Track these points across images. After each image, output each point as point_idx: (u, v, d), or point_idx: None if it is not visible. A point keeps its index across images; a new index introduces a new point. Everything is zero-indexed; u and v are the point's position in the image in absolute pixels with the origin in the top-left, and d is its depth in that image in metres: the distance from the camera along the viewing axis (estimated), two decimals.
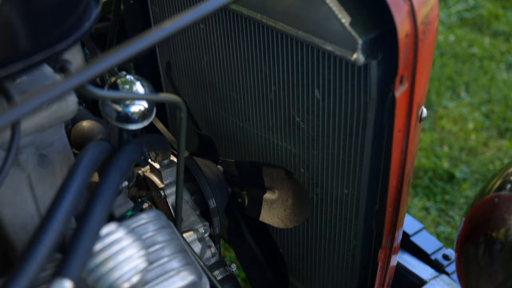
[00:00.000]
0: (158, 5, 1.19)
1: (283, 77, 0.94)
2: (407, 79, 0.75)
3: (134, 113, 0.77)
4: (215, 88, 1.13)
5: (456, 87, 2.74)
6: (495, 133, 2.42)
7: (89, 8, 0.67)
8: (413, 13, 0.71)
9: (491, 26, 3.34)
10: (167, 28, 0.55)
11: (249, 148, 1.13)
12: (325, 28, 0.78)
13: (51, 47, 0.57)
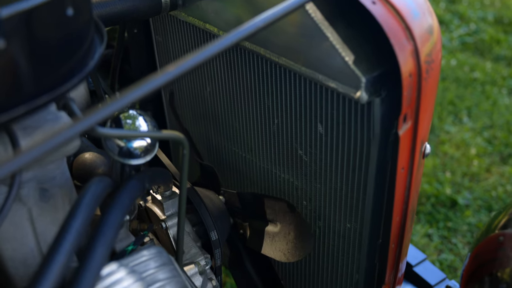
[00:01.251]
0: (162, 34, 1.20)
1: (286, 110, 0.94)
2: (410, 117, 0.75)
3: (137, 148, 0.77)
4: (218, 118, 1.13)
5: (458, 112, 2.75)
6: (498, 159, 2.41)
7: (93, 46, 0.68)
8: (416, 53, 0.71)
9: (492, 51, 3.36)
10: (171, 72, 0.55)
11: (251, 179, 1.13)
12: (328, 65, 0.78)
13: (54, 88, 0.57)
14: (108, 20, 0.96)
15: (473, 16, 3.82)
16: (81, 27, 0.62)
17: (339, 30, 0.76)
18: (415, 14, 0.74)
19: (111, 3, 0.95)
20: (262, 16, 0.63)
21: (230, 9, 0.92)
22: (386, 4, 0.72)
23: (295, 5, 0.68)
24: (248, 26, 0.60)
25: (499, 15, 3.82)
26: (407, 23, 0.71)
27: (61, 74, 0.59)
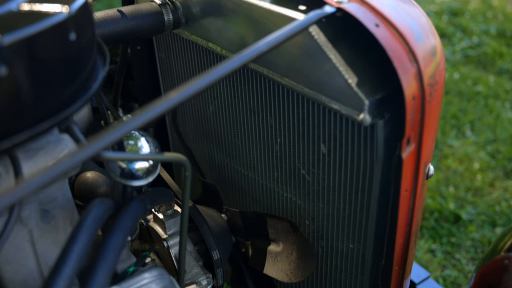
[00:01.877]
0: (165, 52, 1.20)
1: (288, 130, 0.94)
2: (414, 140, 0.74)
3: (139, 169, 0.76)
4: (221, 136, 1.13)
5: (461, 125, 2.74)
6: (501, 173, 2.40)
7: (96, 68, 0.68)
8: (420, 75, 0.71)
9: (495, 64, 3.36)
10: (174, 98, 0.54)
11: (253, 197, 1.12)
12: (331, 86, 0.77)
13: (57, 113, 0.57)
14: (111, 39, 0.96)
15: (475, 29, 3.83)
16: (84, 50, 0.62)
17: (343, 52, 0.75)
18: (418, 37, 0.74)
19: (114, 22, 0.95)
20: (265, 40, 0.62)
21: (232, 28, 0.92)
22: (389, 26, 0.72)
23: (299, 28, 0.68)
24: (251, 51, 0.60)
25: (501, 28, 3.83)
26: (411, 46, 0.71)
27: (64, 99, 0.59)
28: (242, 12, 0.88)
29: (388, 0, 0.79)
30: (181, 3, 1.01)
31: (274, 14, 0.81)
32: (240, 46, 0.92)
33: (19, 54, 0.51)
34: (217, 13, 0.94)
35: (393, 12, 0.74)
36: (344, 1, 0.74)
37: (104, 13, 0.95)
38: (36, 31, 0.52)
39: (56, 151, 0.71)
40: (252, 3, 0.85)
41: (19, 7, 0.58)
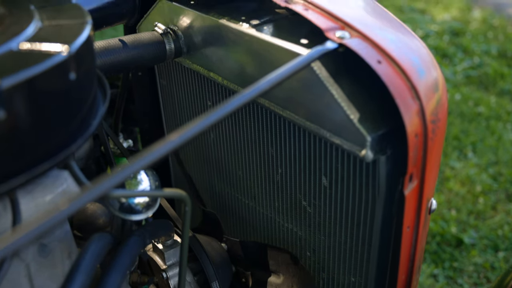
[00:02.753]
0: (166, 78, 1.20)
1: (289, 161, 0.93)
2: (416, 177, 0.74)
3: (138, 204, 0.76)
4: (221, 164, 1.12)
5: (463, 147, 2.73)
6: (503, 196, 2.39)
7: (96, 104, 0.67)
8: (422, 112, 0.71)
9: (497, 85, 3.36)
10: (174, 140, 0.54)
11: (254, 226, 1.11)
12: (333, 121, 0.77)
13: (56, 154, 0.56)
14: (113, 68, 0.96)
15: (476, 50, 3.84)
16: (84, 88, 0.62)
17: (344, 87, 0.75)
18: (420, 73, 0.73)
19: (115, 51, 0.95)
20: (266, 79, 0.62)
21: (234, 59, 0.92)
22: (391, 63, 0.71)
23: (301, 64, 0.68)
24: (251, 91, 0.60)
25: (502, 49, 3.84)
26: (413, 82, 0.71)
27: (63, 138, 0.58)
28: (243, 43, 0.88)
29: (390, 34, 0.78)
30: (182, 32, 1.01)
31: (275, 48, 0.81)
32: (241, 77, 0.92)
33: (18, 97, 0.51)
34: (218, 43, 0.94)
35: (395, 47, 0.74)
36: (346, 37, 0.74)
37: (105, 43, 0.95)
38: (35, 73, 0.51)
39: (54, 185, 0.70)
40: (253, 35, 0.85)
41: (19, 46, 0.57)
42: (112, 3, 0.96)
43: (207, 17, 0.94)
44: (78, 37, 0.60)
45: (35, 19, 0.64)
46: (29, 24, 0.62)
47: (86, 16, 0.66)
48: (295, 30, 0.86)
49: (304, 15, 0.77)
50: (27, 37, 0.60)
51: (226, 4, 0.97)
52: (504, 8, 4.70)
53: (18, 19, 0.65)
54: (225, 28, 0.90)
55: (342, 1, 0.86)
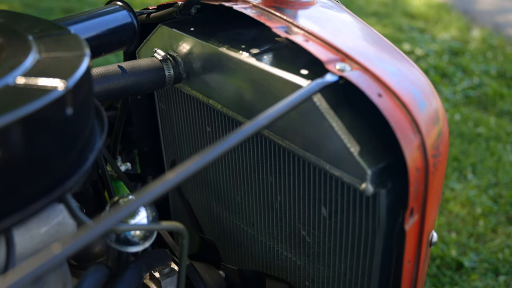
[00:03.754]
0: (165, 103, 1.19)
1: (289, 189, 0.92)
2: (417, 211, 0.73)
3: (135, 236, 0.74)
4: (220, 190, 1.11)
5: (463, 168, 2.72)
6: (504, 219, 2.38)
7: (93, 137, 0.66)
8: (423, 147, 0.70)
9: (496, 105, 3.36)
10: (171, 179, 0.53)
11: (252, 253, 1.10)
12: (333, 154, 0.76)
13: (52, 191, 0.55)
14: (112, 95, 0.95)
15: (476, 70, 3.85)
16: (81, 122, 0.61)
17: (345, 119, 0.74)
18: (421, 106, 0.73)
19: (114, 78, 0.95)
20: (265, 114, 0.61)
21: (233, 88, 0.91)
22: (392, 96, 0.71)
23: (302, 98, 0.67)
24: (251, 126, 0.59)
25: (502, 69, 3.85)
26: (414, 116, 0.70)
27: (58, 175, 0.57)
28: (243, 72, 0.87)
29: (390, 66, 0.78)
30: (182, 58, 1.01)
31: (275, 78, 0.81)
32: (241, 105, 0.91)
33: (13, 134, 0.50)
34: (218, 71, 0.94)
35: (396, 80, 0.74)
36: (346, 69, 0.73)
37: (104, 69, 0.95)
38: (31, 111, 0.51)
39: (50, 217, 0.69)
40: (253, 64, 0.84)
41: (16, 81, 0.57)
42: (112, 30, 0.95)
43: (207, 45, 0.93)
44: (76, 71, 0.59)
45: (33, 51, 0.64)
46: (26, 56, 0.62)
47: (84, 48, 0.66)
48: (295, 59, 0.85)
49: (304, 47, 0.77)
50: (24, 71, 0.59)
51: (226, 32, 0.96)
52: (503, 28, 4.73)
53: (16, 50, 0.64)
54: (225, 56, 0.90)
55: (343, 31, 0.86)
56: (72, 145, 0.59)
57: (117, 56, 3.49)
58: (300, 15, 0.87)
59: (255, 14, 0.86)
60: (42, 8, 4.87)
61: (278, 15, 0.86)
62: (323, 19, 0.88)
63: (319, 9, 0.92)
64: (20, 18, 0.77)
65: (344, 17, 0.92)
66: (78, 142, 0.61)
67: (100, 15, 0.95)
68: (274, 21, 0.84)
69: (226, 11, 0.97)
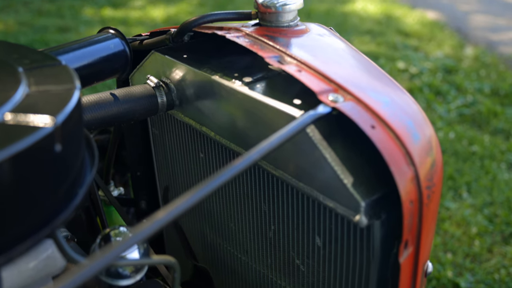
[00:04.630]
0: (158, 128, 1.18)
1: (282, 218, 0.91)
2: (411, 244, 0.72)
3: (126, 269, 0.73)
4: (213, 216, 1.10)
5: (458, 187, 2.72)
6: (499, 238, 2.37)
7: (83, 171, 0.65)
8: (417, 179, 0.69)
9: (490, 123, 3.37)
10: (162, 218, 0.52)
11: (246, 281, 1.08)
12: (326, 185, 0.75)
13: (38, 231, 0.54)
14: (104, 122, 0.94)
15: (469, 88, 3.87)
16: (70, 158, 0.60)
17: (338, 150, 0.74)
18: (414, 137, 0.72)
19: (107, 105, 0.94)
20: (257, 148, 0.61)
21: (226, 116, 0.91)
22: (385, 128, 0.70)
23: (295, 130, 0.66)
24: (243, 161, 0.58)
25: (495, 87, 3.87)
26: (407, 148, 0.69)
27: (46, 213, 0.56)
28: (236, 101, 0.87)
29: (383, 96, 0.78)
30: (175, 85, 1.00)
31: (268, 108, 0.80)
32: (234, 133, 0.91)
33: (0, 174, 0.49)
34: (211, 98, 0.93)
35: (389, 111, 0.73)
36: (339, 100, 0.73)
37: (96, 97, 0.94)
38: (18, 150, 0.50)
39: (38, 251, 0.68)
40: (246, 93, 0.84)
41: (4, 117, 0.56)
42: (104, 58, 0.95)
43: (199, 72, 0.93)
44: (65, 106, 0.58)
45: (22, 84, 0.63)
46: (15, 91, 0.61)
47: (75, 80, 0.65)
48: (288, 88, 0.85)
49: (297, 77, 0.76)
50: (13, 106, 0.58)
51: (219, 59, 0.96)
52: (496, 46, 4.76)
53: (5, 84, 0.63)
54: (217, 85, 0.89)
55: (335, 59, 0.86)
56: (61, 182, 0.58)
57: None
58: (293, 43, 0.87)
59: (248, 43, 0.86)
60: (37, 26, 4.89)
61: (271, 44, 0.86)
62: (316, 47, 0.88)
63: (312, 37, 0.92)
64: (11, 48, 0.77)
65: (337, 45, 0.92)
66: (67, 177, 0.60)
67: (93, 43, 0.95)
68: (267, 51, 0.84)
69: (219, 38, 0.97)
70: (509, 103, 3.64)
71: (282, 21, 0.92)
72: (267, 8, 0.91)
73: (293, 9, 0.91)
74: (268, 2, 0.91)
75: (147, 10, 5.57)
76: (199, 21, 0.95)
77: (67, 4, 5.67)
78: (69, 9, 5.49)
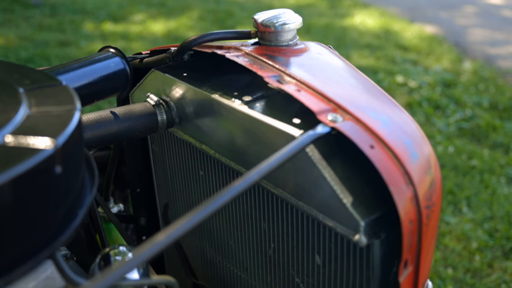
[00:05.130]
0: (158, 145, 1.19)
1: (282, 237, 0.91)
2: (411, 263, 0.72)
3: None
4: (213, 234, 1.10)
5: (457, 202, 2.72)
6: (500, 253, 2.36)
7: (83, 192, 0.66)
8: (416, 198, 0.69)
9: (489, 137, 3.38)
10: (162, 241, 0.52)
11: None
12: (326, 204, 0.76)
13: (37, 253, 0.54)
14: (104, 141, 0.95)
15: (468, 101, 3.88)
16: (70, 179, 0.61)
17: (337, 170, 0.74)
18: (413, 156, 0.73)
19: (106, 124, 0.94)
20: (256, 169, 0.61)
21: (225, 134, 0.91)
22: (384, 147, 0.71)
23: (295, 150, 0.67)
24: (242, 182, 0.59)
25: (494, 101, 3.88)
26: (406, 168, 0.70)
27: (45, 235, 0.56)
28: (235, 120, 0.87)
29: (382, 115, 0.78)
30: (175, 103, 1.01)
31: (267, 127, 0.81)
32: (233, 152, 0.91)
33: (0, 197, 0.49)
34: (211, 117, 0.94)
35: (388, 130, 0.74)
36: (338, 120, 0.73)
37: (97, 115, 0.95)
38: (18, 173, 0.50)
39: (38, 272, 0.68)
40: (245, 112, 0.84)
41: (4, 139, 0.56)
42: (105, 77, 0.96)
43: (199, 91, 0.94)
44: (66, 128, 0.59)
45: (23, 106, 0.63)
46: (16, 112, 0.61)
47: (75, 101, 0.66)
48: (288, 106, 0.85)
49: (296, 97, 0.77)
50: (14, 127, 0.59)
51: (219, 78, 0.97)
52: (495, 60, 4.79)
53: (5, 105, 0.64)
54: (217, 103, 0.90)
55: (334, 79, 0.86)
56: (61, 203, 0.58)
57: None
58: (292, 63, 0.88)
59: (248, 62, 0.87)
60: (38, 40, 4.91)
61: (270, 64, 0.86)
62: (315, 66, 0.89)
63: (311, 56, 0.93)
64: (11, 68, 0.77)
65: (336, 64, 0.93)
66: (67, 199, 0.60)
67: (93, 63, 0.95)
68: (266, 70, 0.84)
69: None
70: (508, 117, 3.65)
71: (281, 40, 0.93)
72: (267, 28, 0.92)
73: (292, 28, 0.92)
74: (267, 21, 0.92)
75: (147, 25, 5.60)
76: (199, 40, 0.95)
77: (68, 18, 5.71)
78: (70, 24, 5.53)
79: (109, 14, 5.90)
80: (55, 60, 4.36)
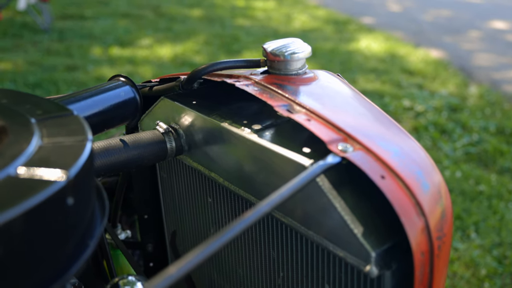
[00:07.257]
0: (167, 171, 1.19)
1: (291, 266, 0.90)
2: None
3: None
4: (221, 261, 1.09)
5: (466, 227, 2.70)
6: (509, 280, 2.33)
7: (93, 222, 0.65)
8: (427, 229, 0.69)
9: (497, 162, 3.36)
10: (173, 274, 0.52)
11: None
12: (336, 234, 0.75)
13: (48, 286, 0.54)
14: (113, 169, 0.95)
15: (475, 126, 3.87)
16: (81, 210, 0.60)
17: (348, 200, 0.74)
18: (424, 187, 0.72)
19: (116, 152, 0.95)
20: (267, 201, 0.61)
21: (235, 163, 0.91)
22: (395, 178, 0.70)
23: (306, 180, 0.67)
24: (253, 214, 0.58)
25: (500, 125, 3.87)
26: (417, 198, 0.69)
27: (56, 267, 0.56)
28: (245, 148, 0.87)
29: (392, 145, 0.78)
30: (184, 131, 1.01)
31: (277, 156, 0.81)
32: (243, 180, 0.91)
33: (11, 231, 0.49)
34: (220, 145, 0.94)
35: (398, 160, 0.73)
36: (348, 150, 0.73)
37: (106, 143, 0.95)
38: (30, 206, 0.50)
39: None
40: (255, 141, 0.85)
41: (17, 171, 0.56)
42: (115, 106, 0.96)
43: (208, 119, 0.94)
44: (78, 160, 0.59)
45: (35, 136, 0.64)
46: (29, 143, 0.62)
47: (86, 132, 0.66)
48: (298, 135, 0.85)
49: (306, 126, 0.77)
50: (26, 159, 0.59)
51: (228, 106, 0.97)
52: (500, 84, 4.79)
53: (18, 136, 0.64)
54: (226, 132, 0.90)
55: (344, 108, 0.87)
56: (72, 234, 0.58)
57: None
58: (302, 92, 0.88)
59: (257, 91, 0.87)
60: (45, 65, 4.96)
61: (280, 93, 0.87)
62: (325, 95, 0.89)
63: (321, 84, 0.93)
64: (22, 98, 0.78)
65: (345, 92, 0.93)
66: (78, 230, 0.60)
67: (103, 91, 0.96)
68: (276, 99, 0.85)
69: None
70: None
71: (291, 69, 0.93)
72: (276, 57, 0.93)
73: (301, 57, 0.93)
74: (276, 50, 0.93)
75: (154, 49, 5.66)
76: (208, 69, 0.96)
77: (76, 43, 5.78)
78: (78, 49, 5.59)
79: (117, 39, 5.96)
80: (63, 84, 4.40)
